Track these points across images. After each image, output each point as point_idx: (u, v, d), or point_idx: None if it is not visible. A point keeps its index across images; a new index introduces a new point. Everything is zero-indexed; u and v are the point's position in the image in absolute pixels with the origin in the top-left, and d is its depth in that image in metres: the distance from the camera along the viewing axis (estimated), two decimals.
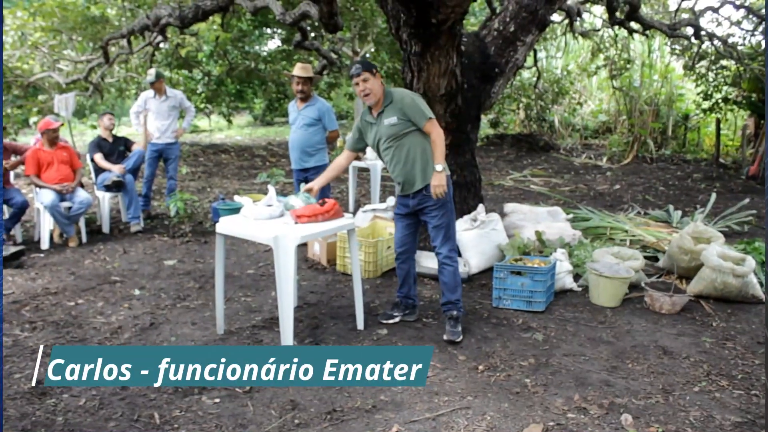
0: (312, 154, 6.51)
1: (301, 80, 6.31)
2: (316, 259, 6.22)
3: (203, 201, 9.21)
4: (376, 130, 4.34)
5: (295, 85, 6.36)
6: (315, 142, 6.50)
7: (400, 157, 4.30)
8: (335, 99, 23.57)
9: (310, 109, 6.43)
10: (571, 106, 17.80)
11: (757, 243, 6.08)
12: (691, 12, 11.04)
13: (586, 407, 3.46)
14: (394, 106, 4.25)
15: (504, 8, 6.28)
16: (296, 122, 6.47)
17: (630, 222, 7.40)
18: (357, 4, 13.80)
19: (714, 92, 14.11)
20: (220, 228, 4.22)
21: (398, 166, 4.33)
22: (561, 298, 5.21)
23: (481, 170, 6.86)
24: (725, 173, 12.32)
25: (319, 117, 6.44)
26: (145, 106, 7.98)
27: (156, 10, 9.05)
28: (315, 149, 6.51)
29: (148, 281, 5.64)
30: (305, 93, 6.39)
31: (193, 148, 15.96)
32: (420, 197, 4.37)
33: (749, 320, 4.81)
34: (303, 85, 6.34)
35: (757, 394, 3.65)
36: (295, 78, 6.32)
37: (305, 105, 6.43)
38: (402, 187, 4.43)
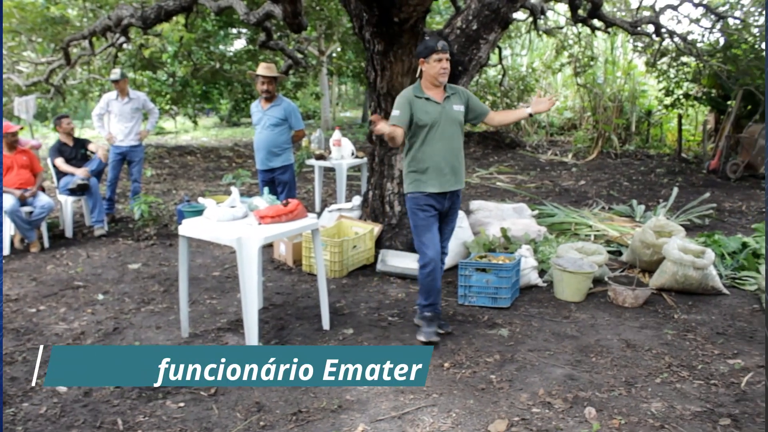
0: (278, 154, 6.48)
1: (266, 80, 6.28)
2: (282, 259, 6.19)
3: (168, 203, 9.11)
4: (441, 110, 4.18)
5: (260, 85, 6.32)
6: (281, 142, 6.47)
7: (453, 146, 4.23)
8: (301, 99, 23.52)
9: (276, 109, 6.40)
10: None
11: (717, 236, 6.20)
12: (652, 10, 11.20)
13: (551, 401, 3.50)
14: (460, 97, 4.30)
15: (467, 6, 6.30)
16: (262, 122, 6.43)
17: (594, 217, 7.49)
18: (322, 3, 13.77)
19: (675, 88, 14.35)
20: (182, 230, 4.18)
21: (449, 154, 4.21)
22: (526, 294, 5.25)
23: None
24: (687, 168, 12.53)
25: (285, 117, 6.42)
26: (107, 108, 7.87)
27: (117, 10, 8.93)
28: (281, 149, 6.48)
29: (112, 286, 5.57)
30: (270, 93, 6.36)
31: (158, 150, 15.80)
32: (455, 198, 4.34)
33: (709, 311, 4.90)
34: (268, 85, 6.30)
35: (716, 383, 3.72)
36: (260, 78, 6.28)
37: (271, 105, 6.40)
38: (442, 180, 4.22)
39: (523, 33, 15.67)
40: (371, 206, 6.39)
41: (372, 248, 6.01)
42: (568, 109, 18.23)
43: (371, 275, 5.77)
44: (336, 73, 20.78)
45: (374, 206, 6.35)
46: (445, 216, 4.38)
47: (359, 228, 6.13)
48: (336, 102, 29.19)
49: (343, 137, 8.29)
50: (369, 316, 4.80)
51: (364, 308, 4.96)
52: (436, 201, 4.24)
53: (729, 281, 5.55)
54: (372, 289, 5.41)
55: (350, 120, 24.71)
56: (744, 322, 4.70)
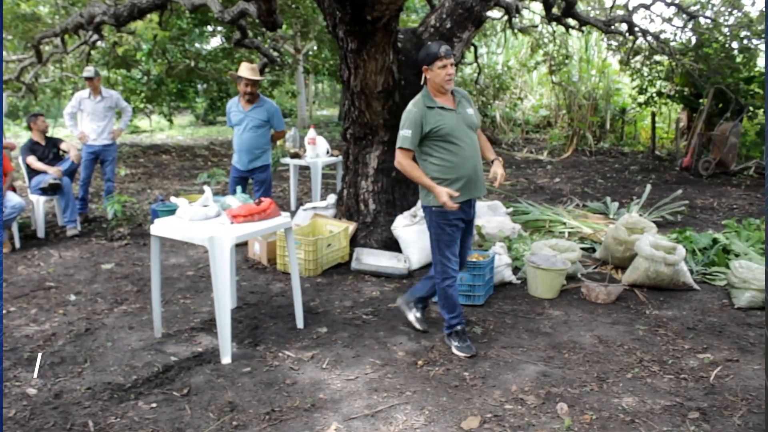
0: (259, 156, 6.47)
1: (249, 82, 6.23)
2: (256, 258, 6.17)
3: (143, 203, 9.03)
4: (456, 117, 4.03)
5: (243, 86, 6.28)
6: (263, 144, 6.46)
7: (477, 150, 4.12)
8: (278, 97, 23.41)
9: (259, 111, 6.36)
10: (512, 101, 18.02)
11: (689, 232, 6.28)
12: (625, 9, 11.30)
13: (523, 398, 3.52)
14: (468, 101, 4.20)
15: (441, 5, 6.32)
16: (243, 123, 6.37)
17: (569, 214, 7.55)
18: (298, 1, 13.71)
19: (649, 86, 14.49)
20: (154, 230, 4.15)
21: (476, 160, 4.09)
22: (500, 291, 5.28)
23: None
24: (661, 165, 12.66)
25: (268, 118, 6.39)
26: (79, 106, 7.78)
27: (90, 7, 8.83)
28: (262, 150, 6.47)
29: (85, 286, 5.51)
30: (253, 94, 6.32)
31: (133, 149, 15.64)
32: (475, 205, 4.26)
33: (680, 307, 4.96)
34: (252, 87, 6.26)
35: (685, 378, 3.77)
36: (243, 79, 6.23)
37: (253, 106, 6.35)
38: (470, 188, 4.09)
39: (498, 31, 15.72)
40: (346, 204, 6.39)
41: (347, 246, 6.01)
42: (543, 107, 18.34)
43: (346, 273, 5.77)
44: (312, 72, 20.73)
45: (349, 204, 6.35)
46: (468, 224, 4.25)
47: (334, 226, 6.12)
48: (313, 100, 29.12)
49: (318, 136, 8.28)
50: (343, 314, 4.80)
51: (339, 307, 4.96)
52: (464, 212, 4.09)
53: (699, 277, 5.62)
54: (347, 288, 5.41)
55: (327, 118, 24.62)
56: (714, 317, 4.76)
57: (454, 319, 4.16)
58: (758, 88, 12.30)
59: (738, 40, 11.63)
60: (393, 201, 6.18)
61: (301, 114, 21.16)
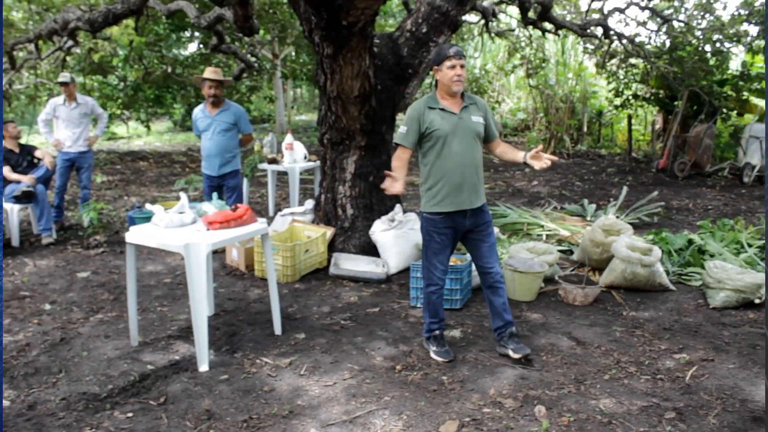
0: (229, 160, 6.44)
1: (213, 84, 6.21)
2: (234, 265, 6.13)
3: (120, 210, 8.96)
4: (457, 121, 3.91)
5: (207, 89, 6.25)
6: (232, 147, 6.43)
7: (471, 160, 3.95)
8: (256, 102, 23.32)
9: (226, 114, 6.34)
10: (490, 104, 18.13)
11: (665, 233, 6.33)
12: (601, 13, 11.42)
13: (501, 401, 3.53)
14: (479, 108, 4.02)
15: (416, 9, 6.33)
16: (211, 128, 6.34)
17: (547, 217, 7.59)
18: (275, 6, 13.70)
19: (625, 89, 14.63)
20: (130, 237, 4.11)
21: (468, 169, 3.93)
22: (478, 295, 5.28)
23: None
24: (637, 167, 12.79)
25: (234, 121, 6.37)
26: (54, 113, 7.69)
27: (63, 13, 8.77)
28: (232, 155, 6.45)
29: (60, 295, 5.45)
30: (218, 97, 6.29)
31: (110, 156, 15.52)
32: (478, 214, 4.00)
33: (657, 308, 5.00)
34: (216, 89, 6.24)
35: (662, 378, 3.79)
36: (207, 82, 6.21)
37: (219, 110, 6.33)
38: (460, 198, 3.93)
39: (475, 35, 15.80)
40: (324, 210, 6.38)
41: (325, 252, 6.00)
42: (521, 110, 18.45)
43: (324, 279, 5.75)
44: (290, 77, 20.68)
45: (327, 210, 6.34)
46: (472, 233, 4.05)
47: (311, 232, 6.10)
48: (291, 105, 29.06)
49: (295, 141, 8.25)
50: (321, 320, 4.78)
51: (317, 312, 4.94)
52: (453, 221, 3.97)
53: (675, 277, 5.67)
54: (325, 293, 5.39)
55: (306, 123, 24.59)
56: (689, 317, 4.81)
57: (434, 324, 4.14)
58: (731, 90, 12.47)
59: (711, 43, 11.78)
60: (371, 206, 6.17)
61: (279, 119, 21.11)
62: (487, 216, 4.06)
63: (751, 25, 11.35)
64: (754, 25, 11.16)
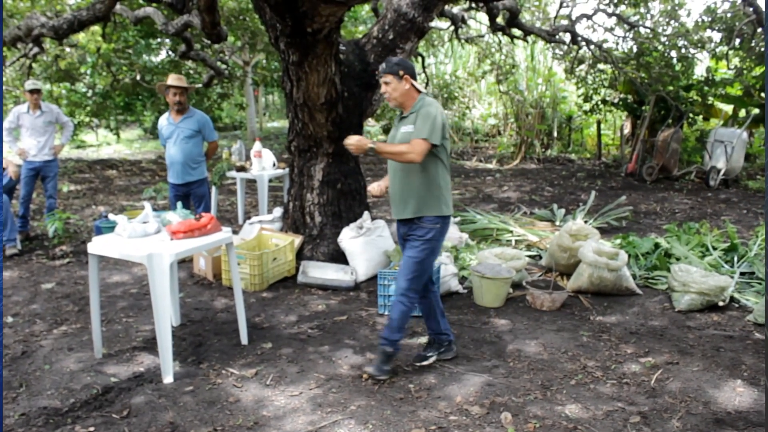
0: (195, 168, 6.37)
1: (178, 91, 6.14)
2: (202, 274, 6.06)
3: (87, 219, 8.82)
4: (394, 133, 3.94)
5: (171, 96, 6.17)
6: (197, 155, 6.36)
7: (399, 171, 3.88)
8: (227, 109, 23.17)
9: (190, 121, 6.27)
10: (461, 110, 18.20)
11: (632, 237, 6.39)
12: (568, 19, 11.53)
13: (468, 408, 3.52)
14: (420, 118, 3.78)
15: (383, 16, 6.33)
16: (175, 135, 6.27)
17: (516, 222, 7.62)
18: (245, 13, 13.63)
19: (593, 94, 14.77)
20: (92, 248, 4.04)
21: (395, 179, 3.90)
22: (446, 301, 5.27)
23: (372, 177, 6.89)
24: (607, 171, 12.91)
25: (199, 129, 6.30)
26: (17, 122, 7.55)
27: (27, 20, 8.62)
28: (197, 162, 6.37)
29: (23, 307, 5.34)
30: (182, 104, 6.23)
31: (78, 164, 15.29)
32: (409, 226, 3.91)
33: (623, 312, 5.04)
34: (180, 96, 6.17)
35: (628, 382, 3.82)
36: (172, 89, 6.14)
37: (183, 117, 6.27)
38: (395, 207, 3.96)
39: (445, 41, 15.87)
40: (292, 217, 6.34)
41: (293, 260, 5.95)
42: (492, 116, 18.54)
43: (292, 287, 5.71)
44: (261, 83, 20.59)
45: (295, 217, 6.30)
46: (406, 242, 4.03)
47: (279, 240, 6.06)
48: (263, 112, 28.93)
49: (264, 148, 8.20)
50: (288, 329, 4.73)
51: (284, 321, 4.90)
52: (398, 226, 4.04)
53: (642, 281, 5.72)
54: (292, 302, 5.35)
55: (278, 130, 24.47)
56: (655, 320, 4.85)
57: (396, 343, 3.93)
58: (696, 95, 12.66)
59: (676, 49, 11.95)
60: (339, 213, 6.15)
61: (250, 126, 20.99)
62: (418, 230, 3.86)
63: (714, 32, 11.55)
64: (717, 31, 11.35)
